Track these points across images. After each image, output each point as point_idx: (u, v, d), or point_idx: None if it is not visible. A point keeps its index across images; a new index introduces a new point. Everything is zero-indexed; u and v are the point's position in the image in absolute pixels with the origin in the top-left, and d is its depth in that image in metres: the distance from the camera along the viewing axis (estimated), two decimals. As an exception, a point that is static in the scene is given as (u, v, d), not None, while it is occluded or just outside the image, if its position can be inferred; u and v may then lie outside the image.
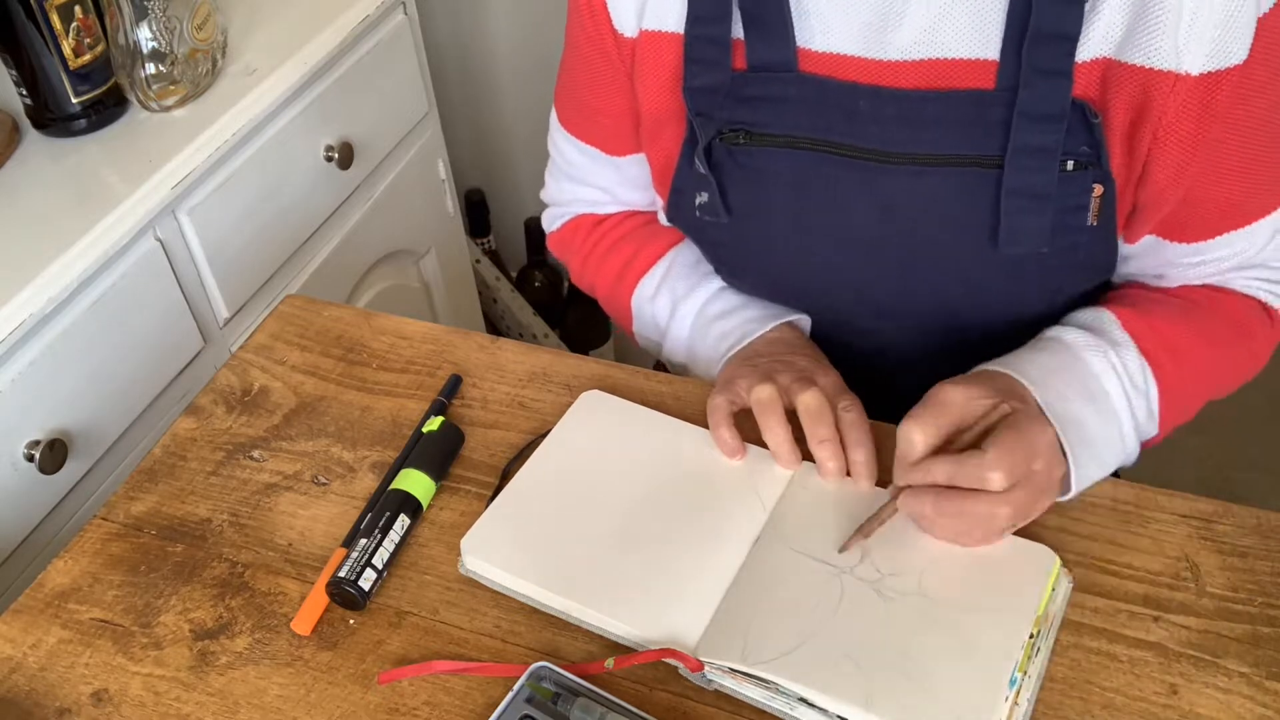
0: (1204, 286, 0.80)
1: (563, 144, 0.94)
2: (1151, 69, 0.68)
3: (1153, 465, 1.86)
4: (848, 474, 0.74)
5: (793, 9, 0.74)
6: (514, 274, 2.06)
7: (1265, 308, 0.80)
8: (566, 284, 2.04)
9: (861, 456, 0.73)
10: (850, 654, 0.63)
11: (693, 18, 0.77)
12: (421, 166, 1.56)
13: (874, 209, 0.76)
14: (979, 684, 0.62)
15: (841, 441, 0.74)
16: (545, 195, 1.01)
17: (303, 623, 0.70)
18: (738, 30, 0.76)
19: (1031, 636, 0.64)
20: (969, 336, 0.82)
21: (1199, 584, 0.69)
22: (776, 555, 0.70)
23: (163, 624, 0.72)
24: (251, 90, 1.20)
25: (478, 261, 1.93)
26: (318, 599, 0.71)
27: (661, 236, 0.92)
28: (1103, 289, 0.86)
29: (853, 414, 0.74)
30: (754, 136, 0.77)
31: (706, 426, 0.78)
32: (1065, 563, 0.70)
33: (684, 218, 0.85)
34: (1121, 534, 0.72)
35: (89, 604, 0.74)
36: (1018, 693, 0.63)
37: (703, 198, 0.80)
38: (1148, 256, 0.80)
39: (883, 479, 0.74)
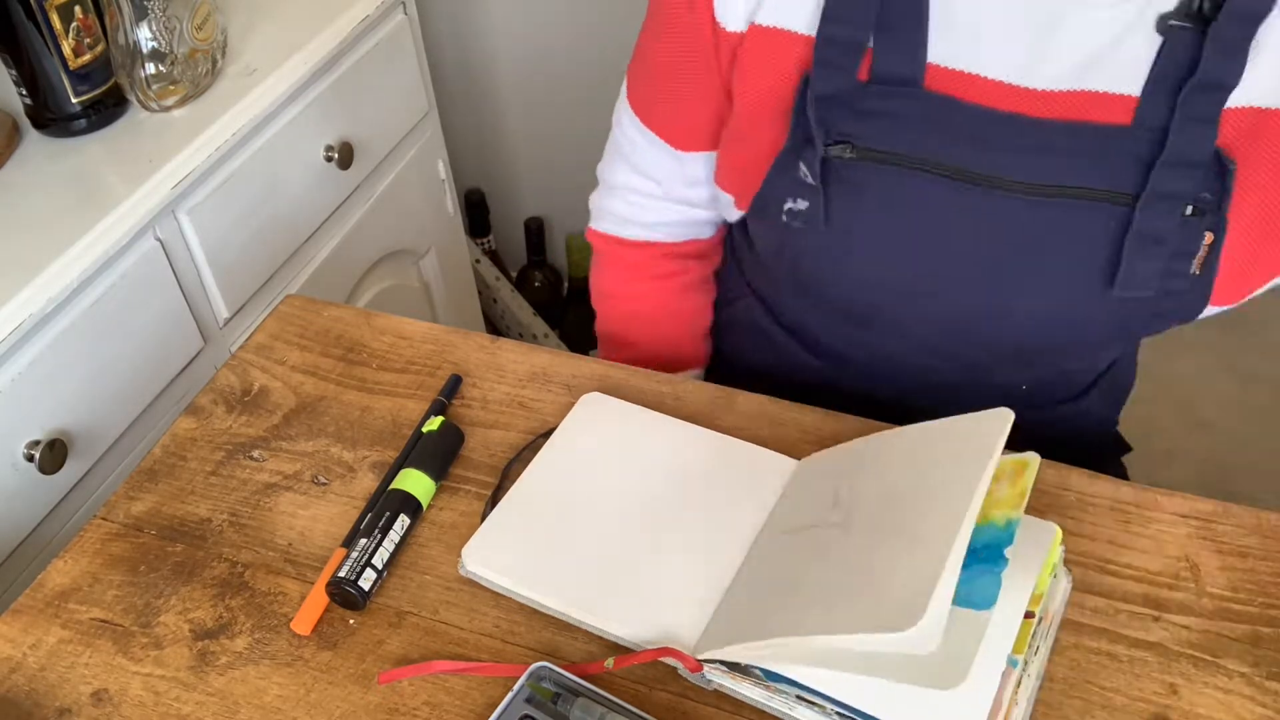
0: None
1: (628, 125, 0.90)
2: None
3: (1153, 465, 1.87)
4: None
5: (939, 19, 0.71)
6: (514, 274, 2.06)
7: None
8: (566, 284, 2.04)
9: None
10: (813, 592, 0.62)
11: (827, 17, 0.73)
12: (421, 166, 1.56)
13: (980, 234, 0.73)
14: (924, 563, 0.59)
15: None
16: (601, 170, 0.97)
17: (303, 623, 0.71)
18: (869, 38, 0.73)
19: (1028, 617, 0.63)
20: (1028, 365, 0.80)
21: (1199, 584, 0.69)
22: (776, 555, 0.70)
23: (163, 624, 0.72)
24: (251, 90, 1.20)
25: (478, 261, 1.93)
26: (318, 599, 0.71)
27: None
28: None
29: None
30: (860, 151, 0.74)
31: (706, 426, 0.78)
32: (1066, 563, 0.70)
33: (767, 222, 0.81)
34: (1121, 534, 0.72)
35: (89, 604, 0.74)
36: (1017, 686, 0.62)
37: (800, 204, 0.77)
38: None
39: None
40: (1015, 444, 0.82)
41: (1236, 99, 0.68)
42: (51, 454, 1.03)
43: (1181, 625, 0.67)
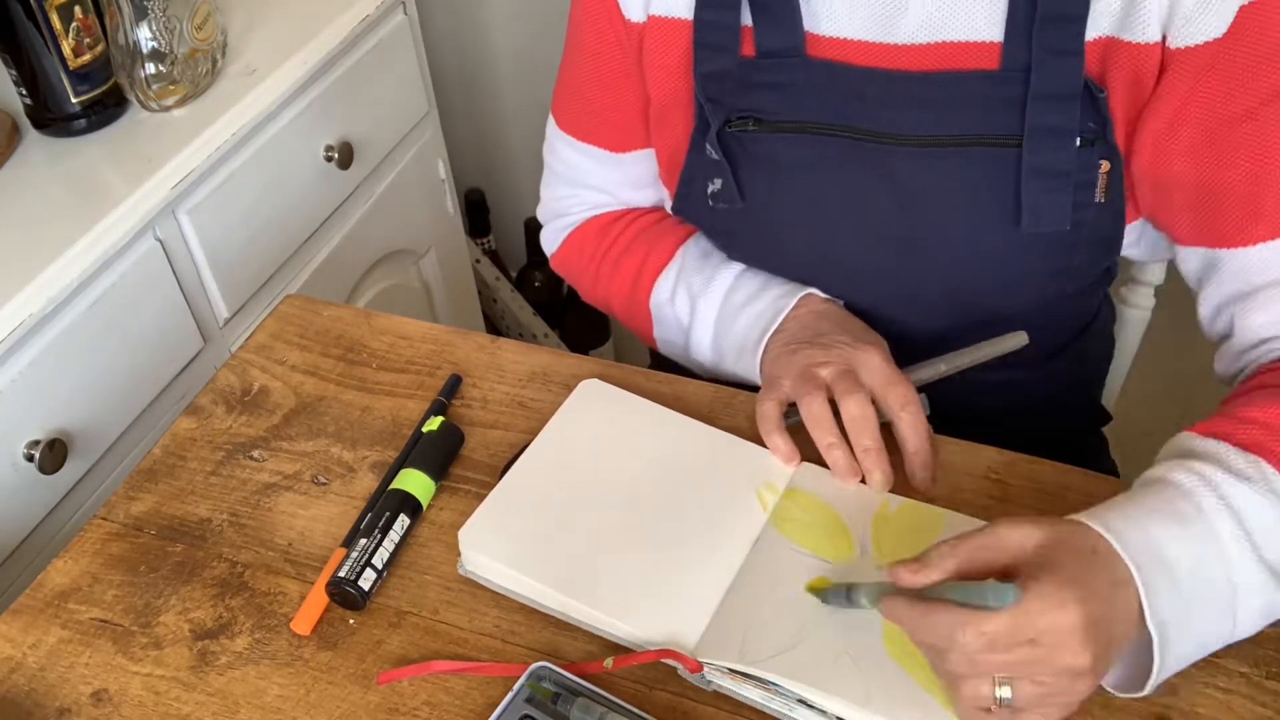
0: None
1: (562, 149, 0.93)
2: (1142, 44, 0.70)
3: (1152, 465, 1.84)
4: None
5: None
6: (514, 274, 2.06)
7: None
8: (566, 284, 2.04)
9: (919, 460, 0.72)
10: (848, 651, 0.63)
11: (702, 3, 0.78)
12: (421, 166, 1.56)
13: (888, 192, 0.77)
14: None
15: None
16: (542, 211, 1.00)
17: (302, 623, 0.70)
18: (746, 17, 0.77)
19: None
20: (981, 319, 0.82)
21: (1199, 584, 0.69)
22: (776, 555, 0.70)
23: (163, 624, 0.72)
24: (251, 90, 1.20)
25: (478, 261, 1.93)
26: (317, 599, 0.71)
27: (669, 234, 0.92)
28: (1107, 274, 0.86)
29: (908, 415, 0.72)
30: (763, 123, 0.78)
31: (706, 422, 0.78)
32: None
33: (694, 208, 0.85)
34: (1121, 534, 0.72)
35: (89, 604, 0.74)
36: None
37: (715, 185, 0.81)
38: (1208, 284, 0.76)
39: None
40: (988, 409, 0.83)
41: (1091, 30, 0.71)
42: (51, 454, 1.03)
43: (1181, 625, 0.67)
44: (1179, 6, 0.68)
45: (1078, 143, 0.72)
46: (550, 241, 1.00)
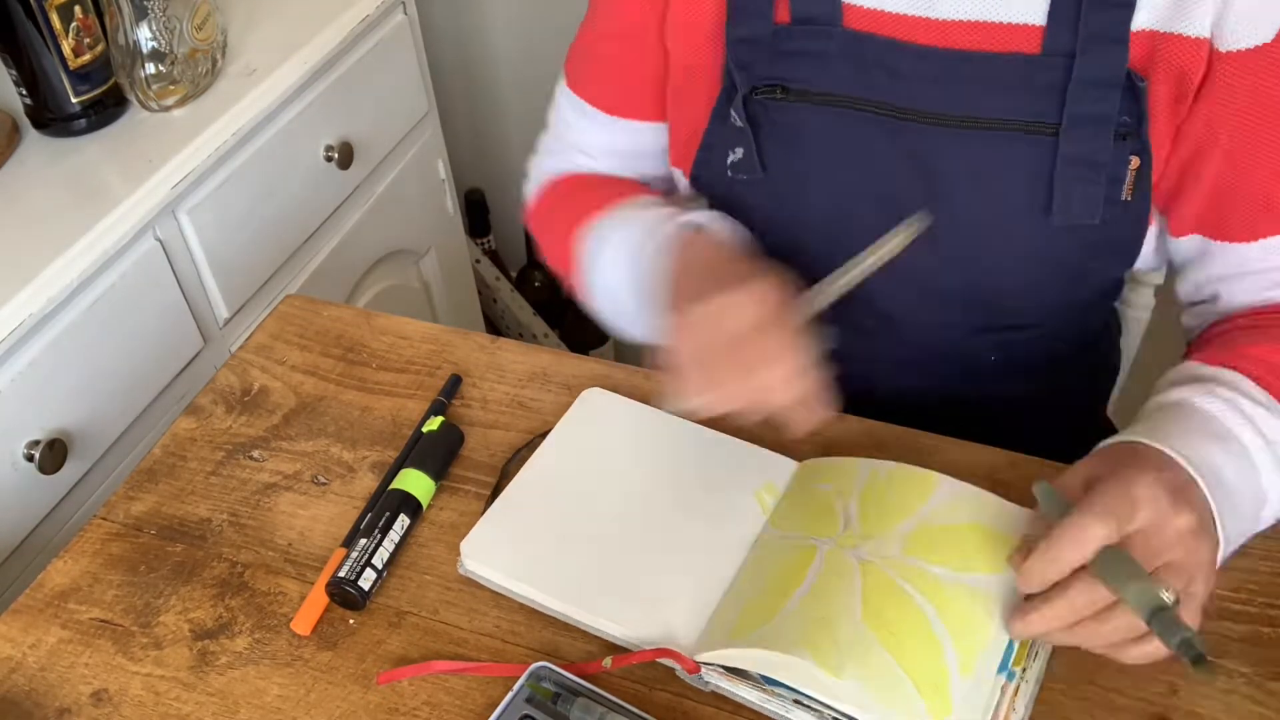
0: (1258, 310, 0.76)
1: (565, 107, 0.91)
2: (1192, 38, 0.68)
3: (1153, 465, 1.83)
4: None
5: None
6: (514, 274, 2.06)
7: None
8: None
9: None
10: (825, 619, 0.62)
11: None
12: (421, 166, 1.56)
13: (914, 172, 0.75)
14: (948, 653, 0.61)
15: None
16: (532, 165, 0.97)
17: (302, 623, 0.70)
18: None
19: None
20: (993, 317, 0.82)
21: (1199, 584, 0.69)
22: (774, 555, 0.70)
23: (163, 624, 0.72)
24: (251, 90, 1.20)
25: (478, 261, 1.93)
26: (317, 599, 0.71)
27: (626, 188, 0.88)
28: (1116, 290, 0.85)
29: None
30: (791, 93, 0.76)
31: (706, 426, 0.78)
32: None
33: (713, 178, 0.83)
34: (1121, 534, 0.72)
35: (89, 604, 0.74)
36: (1015, 695, 0.62)
37: (737, 154, 0.79)
38: (1197, 266, 0.78)
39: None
40: (993, 424, 0.82)
41: (1138, 22, 0.69)
42: (51, 454, 1.03)
43: (1181, 625, 0.67)
44: (1231, 8, 0.67)
45: (1113, 135, 0.71)
46: (529, 196, 0.98)
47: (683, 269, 0.74)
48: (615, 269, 0.82)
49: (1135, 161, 0.72)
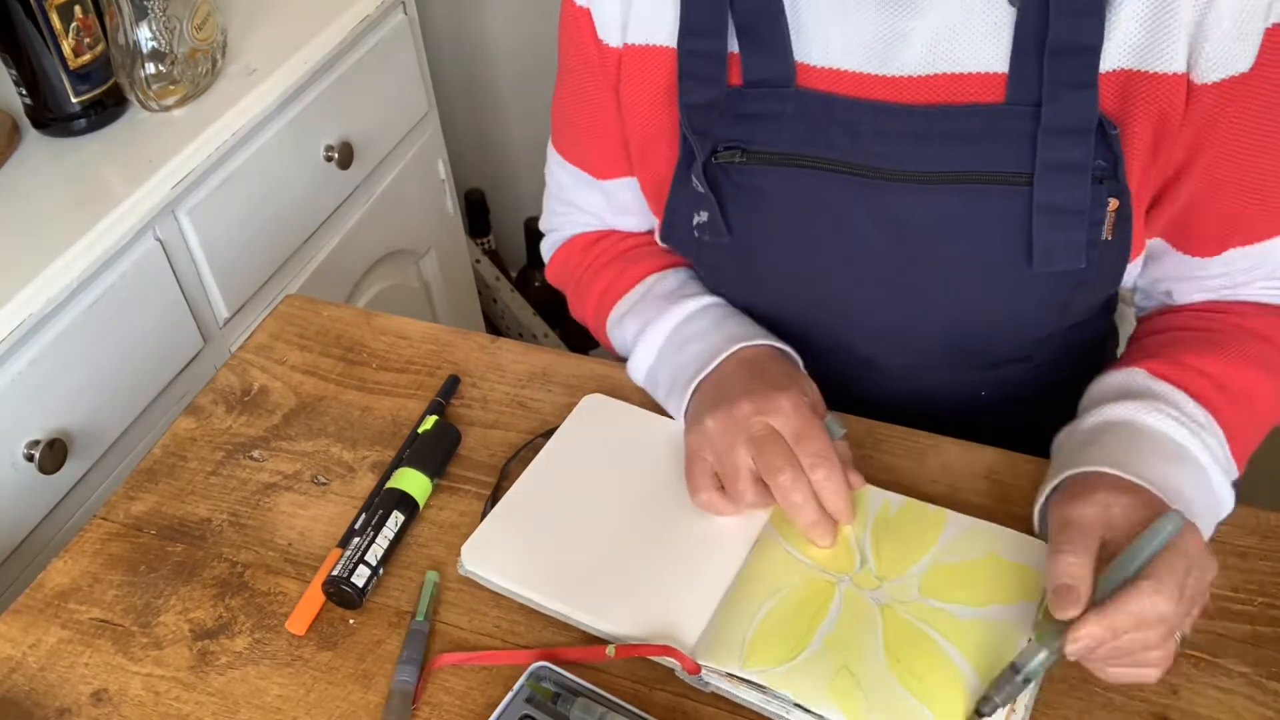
0: (1211, 307, 0.77)
1: (555, 168, 0.92)
2: (1169, 74, 0.67)
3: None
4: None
5: (791, 22, 0.72)
6: (514, 274, 2.06)
7: None
8: (566, 284, 2.04)
9: (839, 505, 0.69)
10: (848, 665, 0.63)
11: (686, 30, 0.74)
12: (421, 166, 1.56)
13: (883, 229, 0.73)
14: (971, 688, 0.62)
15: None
16: (543, 223, 0.98)
17: (298, 622, 0.70)
18: (734, 44, 0.74)
19: (1030, 640, 0.64)
20: (978, 359, 0.81)
21: (1199, 584, 0.69)
22: (775, 559, 0.70)
23: (162, 624, 0.72)
24: (251, 90, 1.20)
25: (478, 261, 1.93)
26: (313, 598, 0.71)
27: (642, 260, 0.88)
28: (1108, 305, 0.85)
29: (820, 473, 0.68)
30: (751, 155, 0.74)
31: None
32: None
33: (680, 239, 0.82)
34: (1121, 534, 0.72)
35: (89, 604, 0.74)
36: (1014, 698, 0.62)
37: (701, 217, 0.77)
38: (1155, 265, 0.78)
39: (882, 477, 0.74)
40: (989, 440, 0.83)
41: (1109, 62, 0.67)
42: (51, 454, 1.03)
43: (1181, 625, 0.67)
44: (1209, 36, 0.65)
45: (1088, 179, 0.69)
46: (545, 253, 0.99)
47: (718, 379, 0.76)
48: (649, 360, 0.82)
49: (1114, 204, 0.70)
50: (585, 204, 0.91)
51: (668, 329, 0.81)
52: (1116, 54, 0.67)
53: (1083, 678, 0.65)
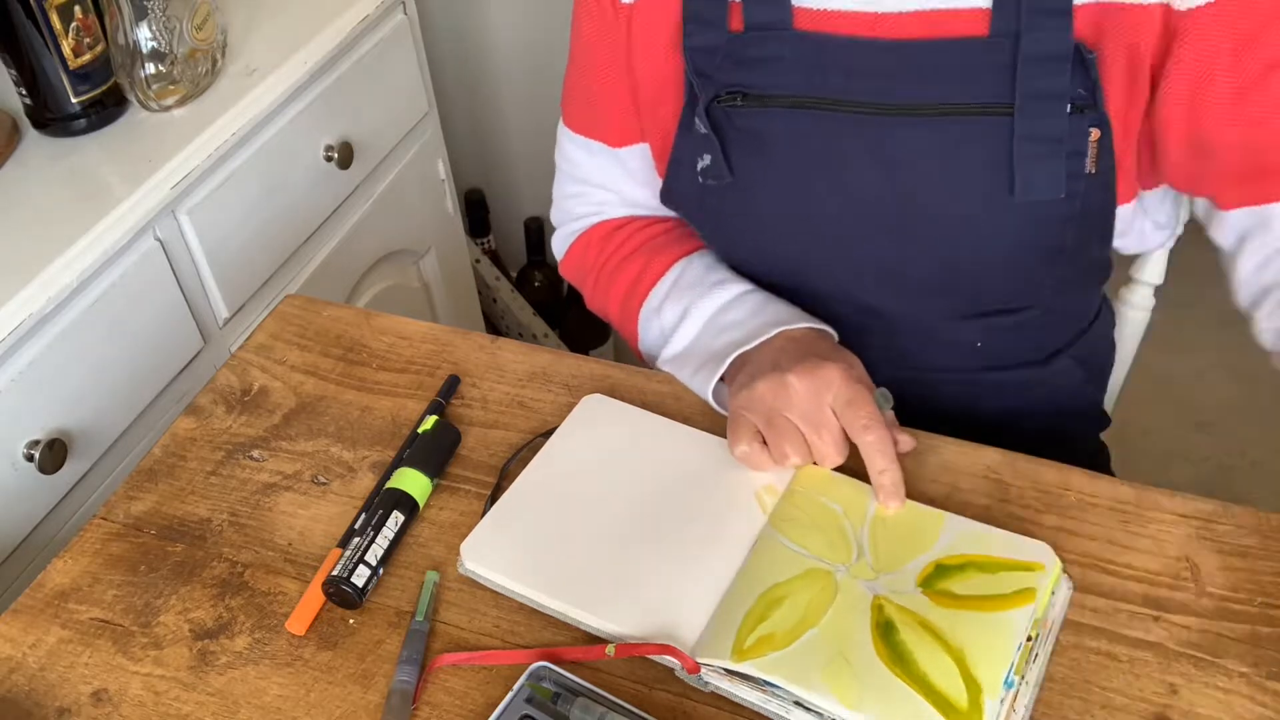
0: None
1: (568, 146, 0.93)
2: (1143, 5, 0.69)
3: (1153, 465, 1.86)
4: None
5: None
6: (514, 274, 2.06)
7: None
8: (566, 284, 2.04)
9: (887, 481, 0.71)
10: (843, 652, 0.63)
11: None
12: (421, 166, 1.56)
13: (877, 164, 0.76)
14: (971, 687, 0.62)
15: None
16: (553, 213, 0.99)
17: (297, 622, 0.70)
18: None
19: (1029, 640, 0.64)
20: (969, 302, 0.82)
21: (1199, 584, 0.69)
22: (775, 555, 0.70)
23: (162, 624, 0.72)
24: (251, 90, 1.20)
25: (478, 261, 1.93)
26: (313, 598, 0.71)
27: (671, 246, 0.91)
28: (1103, 268, 0.85)
29: (870, 437, 0.72)
30: (751, 98, 0.78)
31: (706, 426, 0.78)
32: (1065, 562, 0.70)
33: (683, 188, 0.84)
34: (1121, 534, 0.72)
35: (89, 604, 0.74)
36: (1014, 698, 0.62)
37: (705, 161, 0.80)
38: (1257, 237, 0.76)
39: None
40: (990, 412, 0.83)
41: None
42: (51, 454, 1.03)
43: (1181, 625, 0.67)
44: None
45: (1067, 109, 0.71)
46: (559, 247, 1.00)
47: (765, 352, 0.78)
48: (685, 342, 0.85)
49: (1095, 133, 0.73)
50: (599, 178, 0.93)
51: (708, 313, 0.84)
52: None
53: (1083, 679, 0.65)
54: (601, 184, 0.93)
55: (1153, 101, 0.73)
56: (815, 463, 0.74)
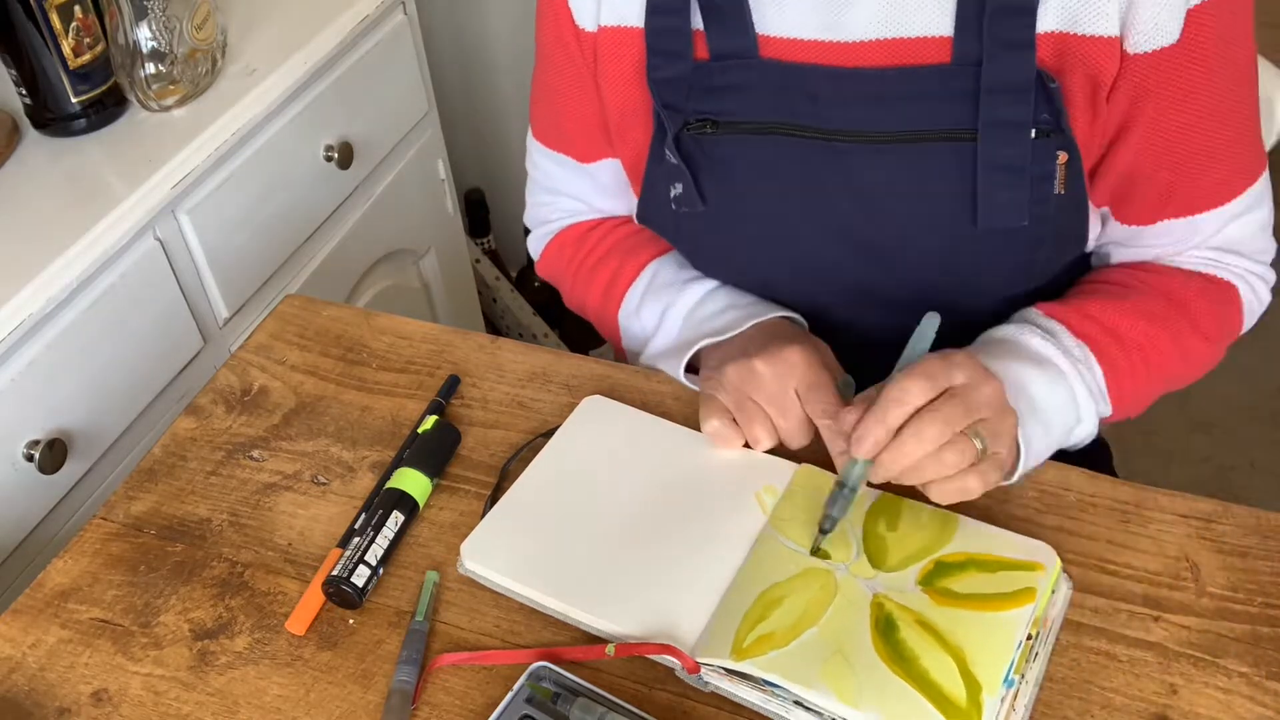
0: (1138, 266, 0.82)
1: (538, 157, 0.94)
2: (1103, 38, 0.70)
3: (1153, 465, 1.86)
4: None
5: None
6: (514, 274, 2.06)
7: (1212, 281, 0.81)
8: (566, 284, 2.04)
9: (845, 461, 0.71)
10: (841, 650, 0.63)
11: (652, 9, 0.78)
12: (421, 166, 1.56)
13: (845, 191, 0.77)
14: (971, 685, 0.62)
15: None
16: (527, 217, 1.00)
17: (297, 622, 0.70)
18: (698, 21, 0.77)
19: (1029, 639, 0.64)
20: (947, 318, 0.82)
21: (1199, 584, 0.69)
22: (774, 555, 0.70)
23: (162, 624, 0.72)
24: (251, 90, 1.20)
25: (478, 261, 1.93)
26: (312, 598, 0.71)
27: (643, 247, 0.91)
28: (1081, 266, 0.86)
29: (828, 421, 0.73)
30: (720, 126, 0.78)
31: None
32: (1065, 562, 0.70)
33: (658, 214, 0.85)
34: (1121, 534, 0.72)
35: (89, 604, 0.74)
36: (1014, 697, 0.62)
37: (677, 189, 0.81)
38: (1119, 241, 0.82)
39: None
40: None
41: (1045, 24, 0.71)
42: (51, 454, 1.03)
43: (1181, 625, 0.67)
44: (1137, 11, 0.69)
45: (1033, 135, 0.72)
46: (534, 248, 1.01)
47: (735, 342, 0.80)
48: (667, 341, 0.86)
49: (1063, 156, 0.73)
50: (570, 189, 0.94)
51: (685, 309, 0.85)
52: (1053, 16, 0.71)
53: (1083, 679, 0.65)
54: (572, 195, 0.94)
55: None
56: (783, 444, 0.76)
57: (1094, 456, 0.99)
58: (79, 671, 0.70)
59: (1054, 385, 0.73)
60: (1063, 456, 0.77)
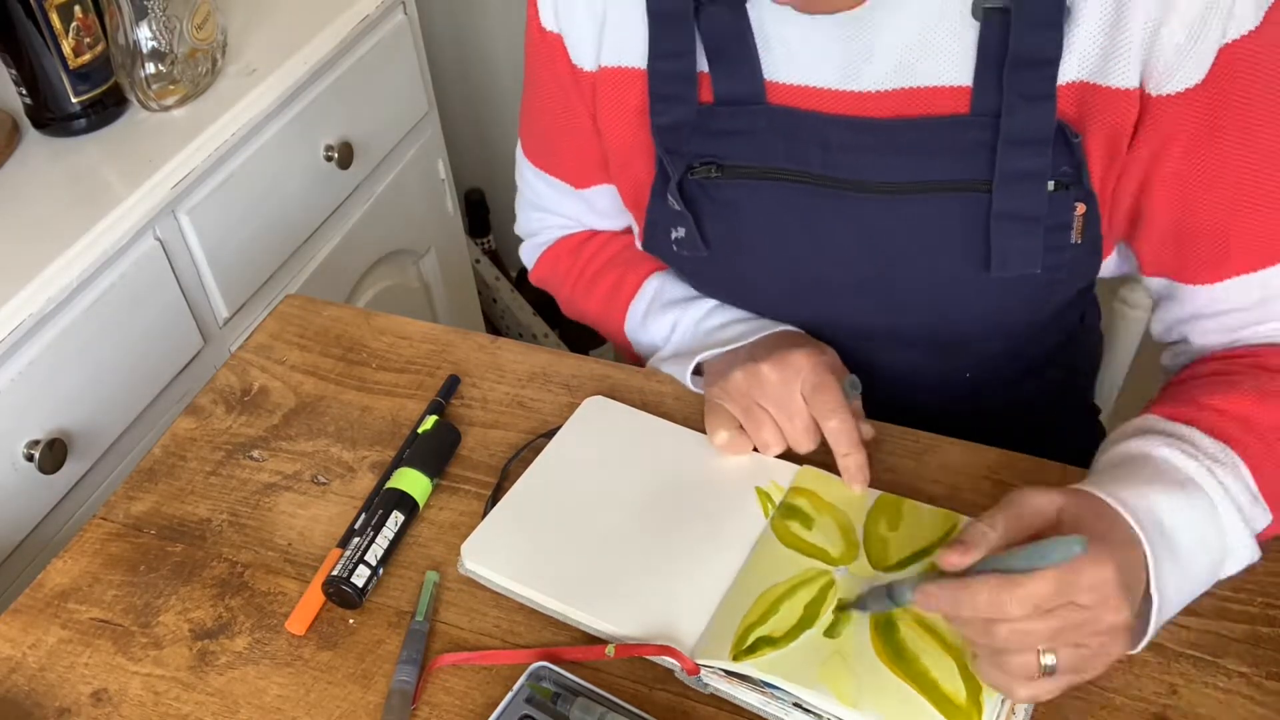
0: (1228, 353, 0.74)
1: (529, 175, 0.93)
2: (1121, 89, 0.68)
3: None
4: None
5: (758, 41, 0.73)
6: (514, 274, 2.06)
7: None
8: (566, 284, 2.04)
9: (851, 464, 0.73)
10: (839, 652, 0.63)
11: (655, 53, 0.75)
12: (421, 166, 1.56)
13: (856, 238, 0.75)
14: (971, 685, 0.62)
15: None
16: (519, 228, 1.00)
17: (297, 622, 0.70)
18: (703, 63, 0.75)
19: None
20: (956, 353, 0.83)
21: (1199, 584, 0.69)
22: (774, 557, 0.70)
23: (162, 624, 0.72)
24: (251, 90, 1.20)
25: (478, 261, 1.93)
26: (312, 598, 0.71)
27: (645, 259, 0.90)
28: (1084, 298, 0.86)
29: (834, 423, 0.73)
30: (725, 170, 0.76)
31: (705, 430, 0.78)
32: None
33: (660, 250, 0.84)
34: (1121, 534, 0.72)
35: (89, 604, 0.74)
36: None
37: (679, 232, 0.79)
38: (1166, 307, 0.77)
39: (883, 477, 0.74)
40: (974, 416, 0.83)
41: (1065, 74, 0.68)
42: (51, 454, 1.03)
43: (1181, 625, 0.67)
44: (1158, 55, 0.65)
45: (1051, 186, 0.70)
46: (527, 258, 1.00)
47: (740, 350, 0.79)
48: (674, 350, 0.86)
49: (1081, 208, 0.71)
50: (562, 210, 0.93)
51: (694, 320, 0.85)
52: (1075, 67, 0.68)
53: (1083, 678, 0.65)
54: (563, 214, 0.94)
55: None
56: (791, 448, 0.76)
57: (1093, 451, 0.99)
58: (79, 671, 0.70)
59: (1199, 517, 0.63)
60: (1064, 455, 0.77)
